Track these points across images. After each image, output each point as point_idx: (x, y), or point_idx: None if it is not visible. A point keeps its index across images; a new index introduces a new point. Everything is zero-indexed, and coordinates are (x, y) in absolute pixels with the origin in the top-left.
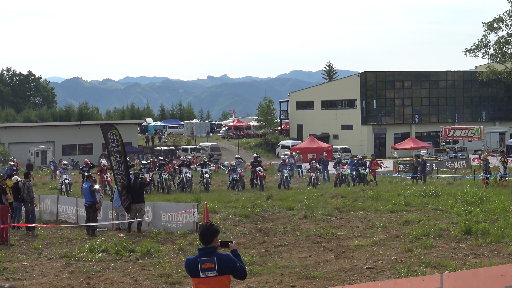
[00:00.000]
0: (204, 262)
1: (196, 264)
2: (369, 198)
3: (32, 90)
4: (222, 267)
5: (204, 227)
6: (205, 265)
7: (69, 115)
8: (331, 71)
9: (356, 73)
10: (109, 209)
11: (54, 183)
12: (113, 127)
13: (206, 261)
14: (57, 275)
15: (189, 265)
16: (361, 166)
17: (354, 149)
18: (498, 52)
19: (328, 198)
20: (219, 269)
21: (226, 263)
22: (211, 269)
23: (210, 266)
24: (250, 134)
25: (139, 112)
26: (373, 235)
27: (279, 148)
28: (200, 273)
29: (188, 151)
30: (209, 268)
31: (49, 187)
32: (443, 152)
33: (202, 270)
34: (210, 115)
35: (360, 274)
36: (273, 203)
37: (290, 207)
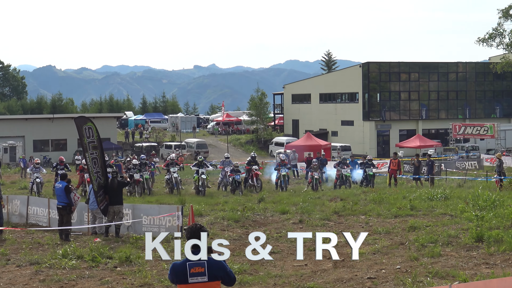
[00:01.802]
0: (193, 266)
1: (184, 269)
2: (371, 201)
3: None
4: (213, 272)
5: (193, 229)
6: (194, 270)
7: (41, 107)
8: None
9: (357, 64)
10: (84, 212)
11: (24, 182)
12: (88, 120)
13: (195, 265)
14: (27, 284)
15: (176, 270)
16: (369, 166)
17: (355, 147)
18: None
19: (326, 201)
20: (209, 274)
21: (217, 267)
22: (200, 274)
23: (199, 271)
24: (240, 130)
25: (119, 104)
26: (375, 242)
27: (273, 145)
28: (188, 278)
29: (172, 148)
30: (198, 273)
31: (19, 187)
32: (453, 151)
33: (190, 275)
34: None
35: (360, 284)
36: (265, 206)
37: (284, 210)
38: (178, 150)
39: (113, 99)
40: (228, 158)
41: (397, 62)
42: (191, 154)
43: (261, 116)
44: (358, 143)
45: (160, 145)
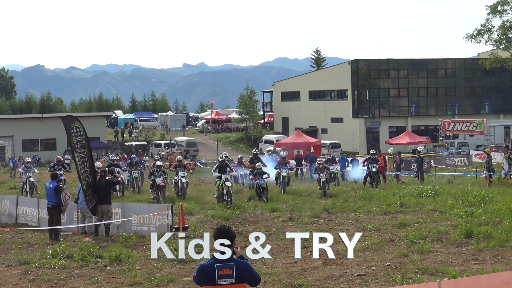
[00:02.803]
0: (222, 268)
1: (212, 270)
2: (360, 198)
3: None
4: (240, 274)
5: (222, 230)
6: (223, 272)
7: (30, 106)
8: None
9: (347, 61)
10: (74, 211)
11: (14, 182)
12: (75, 119)
13: (223, 267)
14: (16, 284)
15: (204, 271)
16: (373, 162)
17: (345, 144)
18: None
19: (316, 198)
20: (237, 276)
21: (244, 270)
22: (228, 276)
23: (228, 273)
24: (230, 128)
25: (108, 103)
26: (365, 239)
27: (262, 143)
28: (216, 280)
29: (162, 147)
30: (226, 275)
31: (8, 187)
32: (442, 148)
33: (219, 277)
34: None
35: (350, 282)
36: (255, 204)
37: (274, 208)
38: (168, 148)
39: (102, 98)
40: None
41: (386, 59)
42: (180, 153)
43: (250, 114)
44: (348, 140)
45: (150, 144)
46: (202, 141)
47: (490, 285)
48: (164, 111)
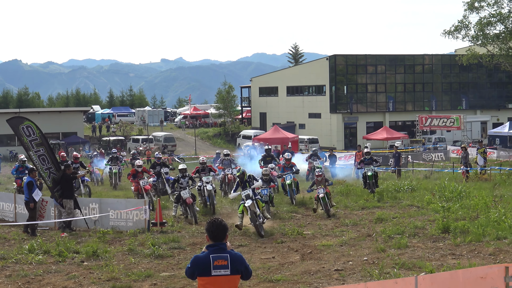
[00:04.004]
0: (217, 259)
1: (207, 261)
2: (338, 194)
3: None
4: (235, 265)
5: (215, 223)
6: (218, 262)
7: (7, 101)
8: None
9: (325, 57)
10: (51, 207)
11: None
12: (25, 119)
13: (218, 258)
14: None
15: (199, 262)
16: (369, 164)
17: (322, 139)
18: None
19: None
20: (231, 267)
21: (239, 261)
22: (223, 267)
23: (222, 264)
24: (208, 123)
25: (85, 98)
26: (343, 234)
27: (240, 138)
28: (211, 270)
29: (140, 142)
30: (221, 265)
31: None
32: (419, 143)
33: (214, 268)
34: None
35: (328, 276)
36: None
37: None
38: (146, 143)
39: (79, 93)
40: (227, 155)
41: (364, 55)
42: (158, 148)
43: (228, 109)
44: (326, 135)
45: (127, 139)
46: (180, 136)
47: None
48: (142, 106)
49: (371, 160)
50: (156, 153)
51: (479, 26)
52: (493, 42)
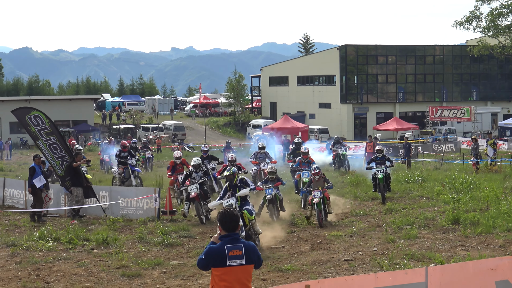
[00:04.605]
0: (232, 249)
1: (222, 252)
2: (348, 184)
3: None
4: (249, 255)
5: (228, 213)
6: (233, 252)
7: (18, 89)
8: (308, 44)
9: (335, 47)
10: (61, 194)
11: (0, 164)
12: (32, 109)
13: (233, 248)
14: (3, 266)
15: (214, 253)
16: (380, 163)
17: (332, 129)
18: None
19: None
20: (246, 257)
21: (252, 251)
22: (238, 257)
23: (237, 254)
24: (218, 112)
25: (96, 86)
26: (352, 224)
27: (250, 128)
28: (227, 261)
29: (150, 131)
30: (236, 255)
31: None
32: (430, 134)
33: (229, 258)
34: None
35: (337, 266)
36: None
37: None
38: (156, 132)
39: (90, 81)
40: (263, 149)
41: (375, 45)
42: (168, 137)
43: (238, 99)
44: (336, 125)
45: (137, 127)
46: (189, 125)
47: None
48: (152, 95)
49: (383, 159)
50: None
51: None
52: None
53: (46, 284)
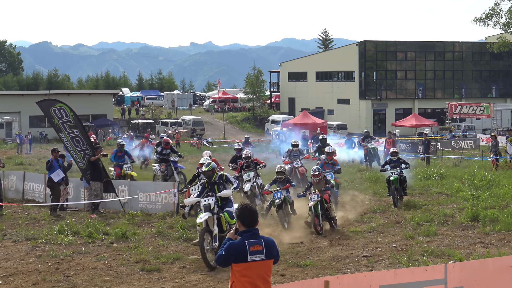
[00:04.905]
0: (252, 244)
1: (243, 247)
2: (367, 180)
3: None
4: (269, 250)
5: (248, 209)
6: (253, 248)
7: (37, 83)
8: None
9: (354, 42)
10: (80, 188)
11: (20, 158)
12: (57, 101)
13: (254, 243)
14: (23, 259)
15: (235, 249)
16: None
17: (351, 125)
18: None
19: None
20: (266, 252)
21: (272, 246)
22: (259, 252)
23: (258, 249)
24: (237, 108)
25: (115, 81)
26: (371, 220)
27: (269, 123)
28: (248, 256)
29: (169, 125)
30: (257, 251)
31: (15, 162)
32: (449, 131)
33: (250, 253)
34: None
35: (356, 262)
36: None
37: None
38: (175, 127)
39: (109, 76)
40: (296, 146)
41: (394, 41)
42: (187, 131)
43: (257, 94)
44: (355, 121)
45: (156, 122)
46: (208, 120)
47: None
48: (171, 90)
49: (398, 162)
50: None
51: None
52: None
53: (65, 278)
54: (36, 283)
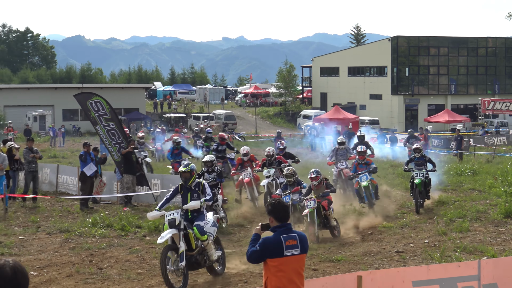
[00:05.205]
0: (288, 239)
1: (279, 242)
2: (399, 175)
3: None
4: (303, 244)
5: (280, 204)
6: (289, 242)
7: (70, 76)
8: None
9: (386, 38)
10: (113, 181)
11: (54, 151)
12: (93, 95)
13: (289, 238)
14: (57, 251)
15: (271, 244)
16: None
17: (383, 121)
18: None
19: None
20: (300, 246)
21: (305, 240)
22: (294, 247)
23: (293, 243)
24: (268, 102)
25: (147, 75)
26: (403, 216)
27: (301, 118)
28: (284, 251)
29: (201, 119)
30: (292, 245)
31: (48, 155)
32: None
33: (286, 248)
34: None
35: (388, 258)
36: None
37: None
38: (206, 121)
39: (141, 70)
40: (343, 144)
41: (426, 37)
42: (219, 126)
43: (289, 89)
44: (387, 117)
45: (188, 116)
46: (240, 114)
47: None
48: (203, 84)
49: (422, 159)
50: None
51: None
52: None
53: (99, 270)
54: (70, 275)
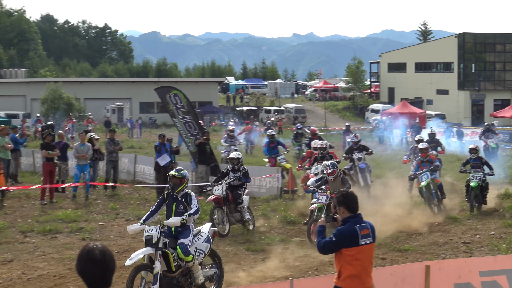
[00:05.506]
0: (362, 228)
1: (355, 232)
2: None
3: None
4: (373, 233)
5: (350, 195)
6: (363, 232)
7: (147, 71)
8: (426, 32)
9: (453, 34)
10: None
11: (131, 142)
12: (172, 88)
13: (363, 227)
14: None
15: (345, 234)
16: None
17: (449, 116)
18: None
19: None
20: (372, 235)
21: (374, 229)
22: (367, 236)
23: (366, 233)
24: (337, 97)
25: (220, 70)
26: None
27: (369, 112)
28: (360, 240)
29: (272, 113)
30: (366, 234)
31: (126, 146)
32: None
33: (361, 237)
34: (295, 75)
35: (455, 249)
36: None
37: (379, 174)
38: (277, 114)
39: (214, 65)
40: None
41: (493, 33)
42: (289, 119)
43: (357, 84)
44: (453, 112)
45: (260, 110)
46: (310, 108)
47: None
48: (274, 79)
49: (478, 161)
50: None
51: None
52: None
53: None
54: None
